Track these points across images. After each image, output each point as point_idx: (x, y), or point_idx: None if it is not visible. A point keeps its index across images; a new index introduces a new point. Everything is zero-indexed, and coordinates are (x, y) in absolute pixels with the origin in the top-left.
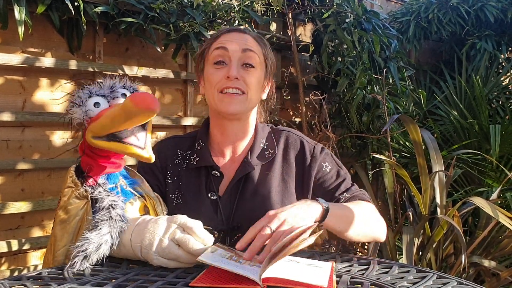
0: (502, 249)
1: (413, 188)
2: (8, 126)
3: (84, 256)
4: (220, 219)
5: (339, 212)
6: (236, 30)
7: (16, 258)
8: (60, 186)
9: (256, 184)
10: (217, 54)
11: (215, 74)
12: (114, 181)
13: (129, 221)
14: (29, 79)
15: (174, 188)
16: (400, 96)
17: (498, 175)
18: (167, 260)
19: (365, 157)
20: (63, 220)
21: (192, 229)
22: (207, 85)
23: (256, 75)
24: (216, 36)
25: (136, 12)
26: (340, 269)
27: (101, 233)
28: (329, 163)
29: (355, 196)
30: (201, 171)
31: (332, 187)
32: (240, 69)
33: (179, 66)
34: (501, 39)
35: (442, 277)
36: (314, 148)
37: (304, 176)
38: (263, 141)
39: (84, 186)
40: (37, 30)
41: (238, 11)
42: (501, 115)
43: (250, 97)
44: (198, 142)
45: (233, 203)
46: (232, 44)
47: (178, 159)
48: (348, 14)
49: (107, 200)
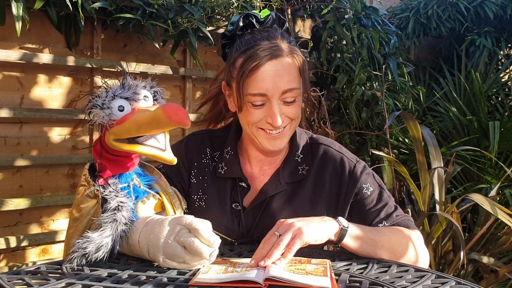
0: (500, 245)
1: (412, 184)
2: (6, 122)
3: (82, 253)
4: (241, 232)
5: (362, 234)
6: (271, 57)
7: (14, 254)
8: (58, 183)
9: (283, 202)
10: (255, 99)
11: (254, 115)
12: (126, 181)
13: (139, 221)
14: (26, 75)
15: (197, 189)
16: (399, 92)
17: (497, 171)
18: (174, 262)
19: (364, 154)
20: (75, 218)
21: (198, 231)
22: (243, 117)
23: (298, 104)
24: (250, 65)
25: (134, 8)
26: (339, 268)
27: (103, 235)
28: (371, 185)
29: (396, 223)
30: (228, 179)
31: (371, 212)
32: (283, 107)
33: (177, 62)
34: (500, 35)
35: (441, 277)
36: (354, 167)
37: (340, 197)
38: (298, 153)
39: (96, 185)
40: (35, 26)
41: (237, 7)
42: (500, 111)
43: (294, 125)
44: (227, 150)
45: (256, 217)
46: (271, 86)
47: (206, 158)
48: (347, 10)
49: (115, 201)
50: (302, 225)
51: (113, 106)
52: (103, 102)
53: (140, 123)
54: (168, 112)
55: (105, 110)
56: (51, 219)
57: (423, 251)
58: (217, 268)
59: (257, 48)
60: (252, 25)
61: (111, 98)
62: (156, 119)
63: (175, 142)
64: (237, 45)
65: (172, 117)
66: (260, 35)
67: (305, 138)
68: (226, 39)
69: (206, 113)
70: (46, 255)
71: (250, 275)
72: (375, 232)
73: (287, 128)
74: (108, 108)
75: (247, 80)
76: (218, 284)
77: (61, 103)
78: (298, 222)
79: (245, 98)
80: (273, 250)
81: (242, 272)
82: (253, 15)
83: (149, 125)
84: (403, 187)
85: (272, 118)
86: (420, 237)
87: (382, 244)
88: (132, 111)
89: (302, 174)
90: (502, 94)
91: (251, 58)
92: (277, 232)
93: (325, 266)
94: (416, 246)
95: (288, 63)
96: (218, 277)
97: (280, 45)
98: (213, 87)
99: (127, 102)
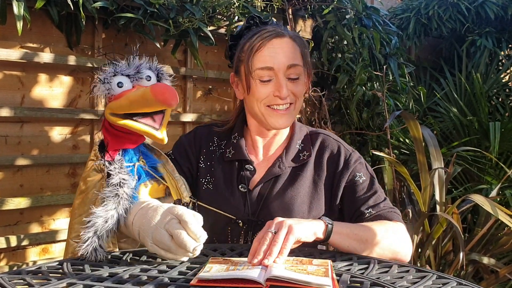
0: (501, 246)
1: (413, 185)
2: (7, 121)
3: (94, 231)
4: (247, 212)
5: (347, 230)
6: (276, 35)
7: (15, 254)
8: (58, 182)
9: (286, 184)
10: (262, 74)
11: (262, 91)
12: (131, 160)
13: (136, 204)
14: (27, 75)
15: (206, 173)
16: (400, 93)
17: (497, 172)
18: (160, 249)
19: (365, 154)
20: (82, 190)
21: (187, 223)
22: (250, 96)
23: (302, 83)
24: (257, 43)
25: (135, 8)
26: (340, 268)
27: (106, 208)
28: (364, 175)
29: (381, 214)
30: (234, 163)
31: (360, 199)
32: (288, 83)
33: (178, 62)
34: (501, 36)
35: (442, 277)
36: (350, 155)
37: (334, 181)
38: (299, 142)
39: (102, 160)
40: (36, 25)
41: (238, 6)
42: (501, 112)
43: (298, 106)
44: (234, 135)
45: (261, 199)
46: (277, 60)
47: (214, 146)
48: (348, 10)
49: (117, 177)
50: (292, 222)
51: (112, 82)
52: (105, 77)
53: (131, 100)
54: (154, 91)
55: (105, 85)
56: (52, 219)
57: (406, 243)
58: (218, 268)
59: (263, 31)
60: (256, 25)
61: (112, 74)
62: (144, 97)
63: (182, 135)
64: (244, 36)
65: (158, 96)
66: (265, 26)
67: (305, 130)
68: (233, 40)
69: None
70: (47, 255)
71: (252, 274)
72: (360, 228)
73: (292, 107)
74: (108, 83)
75: (254, 56)
76: (219, 283)
77: (62, 103)
78: (288, 220)
79: (253, 74)
80: (272, 248)
81: (243, 270)
82: (258, 17)
83: (138, 103)
84: (404, 187)
85: (279, 90)
86: (402, 228)
87: (366, 238)
88: (132, 88)
89: (303, 159)
90: (502, 94)
91: (258, 37)
92: (271, 230)
93: (327, 267)
94: (402, 235)
95: (292, 43)
96: (220, 274)
97: (284, 30)
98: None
99: (128, 80)
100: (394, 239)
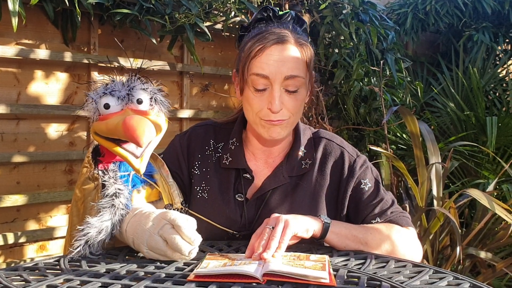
0: (498, 240)
1: (410, 180)
2: (3, 118)
3: (85, 240)
4: (243, 223)
5: (346, 231)
6: (278, 41)
7: (12, 251)
8: (55, 179)
9: (285, 194)
10: (257, 82)
11: (256, 101)
12: (126, 169)
13: (129, 211)
14: (23, 71)
15: (201, 180)
16: (397, 88)
17: (494, 167)
18: (157, 254)
19: (362, 149)
20: (78, 198)
21: (180, 228)
22: (246, 103)
23: (300, 97)
24: (256, 47)
25: (131, 3)
26: (337, 263)
27: (102, 219)
28: (370, 181)
29: (391, 220)
30: (231, 170)
31: (366, 207)
32: (283, 95)
33: (175, 58)
34: (498, 31)
35: (438, 272)
36: (354, 162)
37: (340, 190)
38: (302, 148)
39: (96, 169)
40: (31, 21)
41: (235, 2)
42: (498, 107)
43: (294, 120)
44: (232, 141)
45: (258, 209)
46: (274, 69)
47: (210, 150)
48: (345, 5)
49: (113, 188)
50: (288, 217)
51: (99, 102)
52: (93, 97)
53: (108, 127)
54: (125, 126)
55: (93, 105)
56: (49, 216)
57: (412, 248)
58: (215, 263)
59: (266, 33)
60: (269, 18)
61: (101, 94)
62: (117, 128)
63: (179, 133)
64: (252, 31)
65: (126, 133)
66: (273, 24)
67: (309, 133)
68: (243, 31)
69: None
70: (44, 251)
71: (249, 269)
72: (360, 230)
73: (286, 122)
74: (96, 103)
75: (252, 61)
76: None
77: (58, 99)
78: (284, 215)
79: (248, 78)
80: (270, 242)
81: (241, 266)
82: (272, 9)
83: (113, 132)
84: (401, 182)
85: (271, 102)
86: (412, 234)
87: (366, 241)
88: (121, 111)
89: (305, 168)
90: (499, 89)
91: (259, 40)
92: (269, 226)
93: (324, 262)
94: (408, 241)
95: (294, 51)
96: (217, 270)
97: (289, 34)
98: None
99: (118, 101)
100: (399, 244)
